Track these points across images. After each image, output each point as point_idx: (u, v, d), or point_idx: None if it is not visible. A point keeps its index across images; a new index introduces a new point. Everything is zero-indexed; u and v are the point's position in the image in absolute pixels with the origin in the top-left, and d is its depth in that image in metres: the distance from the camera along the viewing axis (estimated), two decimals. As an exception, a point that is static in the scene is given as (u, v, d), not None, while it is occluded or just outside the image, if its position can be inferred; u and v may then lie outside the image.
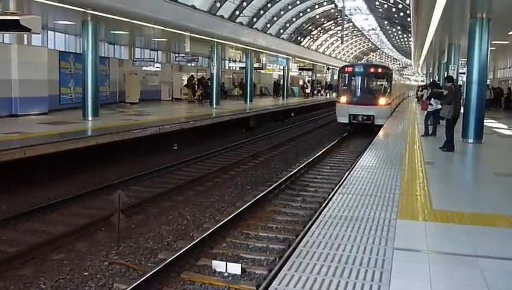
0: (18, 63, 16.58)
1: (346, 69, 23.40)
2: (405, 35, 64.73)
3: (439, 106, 12.96)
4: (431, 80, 30.93)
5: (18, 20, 11.57)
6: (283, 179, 12.15)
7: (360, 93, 21.93)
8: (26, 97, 16.96)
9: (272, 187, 11.19)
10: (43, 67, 17.79)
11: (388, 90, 22.01)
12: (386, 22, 62.70)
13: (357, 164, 10.10)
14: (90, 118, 16.83)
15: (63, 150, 11.66)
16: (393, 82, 23.32)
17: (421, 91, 31.22)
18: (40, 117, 16.79)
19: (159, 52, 33.97)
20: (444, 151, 11.87)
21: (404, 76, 69.91)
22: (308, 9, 52.14)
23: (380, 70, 22.80)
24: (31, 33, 13.18)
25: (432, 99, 15.18)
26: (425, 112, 16.21)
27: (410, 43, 51.47)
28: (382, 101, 21.47)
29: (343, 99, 22.03)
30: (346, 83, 22.81)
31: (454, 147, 12.00)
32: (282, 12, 47.86)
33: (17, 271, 6.72)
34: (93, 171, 12.65)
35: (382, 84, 22.56)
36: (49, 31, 22.91)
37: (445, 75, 17.91)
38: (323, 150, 17.12)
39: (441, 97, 13.49)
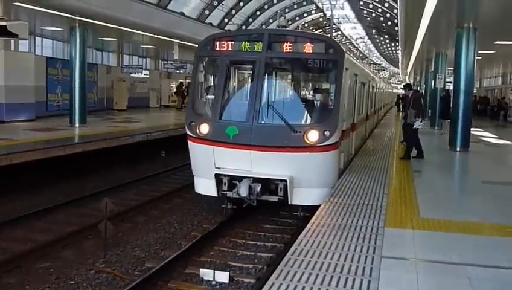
0: (4, 69, 16.46)
1: (216, 45, 8.97)
2: (393, 44, 65.22)
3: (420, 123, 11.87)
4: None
5: (5, 25, 11.50)
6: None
7: (252, 114, 8.38)
8: (13, 103, 16.83)
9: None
10: (30, 74, 17.67)
11: (335, 106, 8.53)
12: (374, 31, 63.18)
13: (346, 171, 10.08)
14: (77, 125, 16.73)
15: (49, 157, 11.58)
16: (347, 81, 9.63)
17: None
18: (26, 124, 16.64)
19: (147, 59, 33.90)
20: (417, 159, 11.64)
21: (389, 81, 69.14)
22: (297, 18, 52.32)
23: (309, 47, 8.56)
24: (18, 39, 13.16)
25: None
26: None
27: (397, 51, 51.91)
28: (313, 136, 8.15)
29: (205, 129, 8.64)
30: (217, 85, 9.10)
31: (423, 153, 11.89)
32: (271, 20, 48.01)
33: (2, 279, 6.62)
34: (80, 179, 12.55)
35: (319, 90, 9.65)
36: (36, 37, 22.75)
37: (436, 84, 17.81)
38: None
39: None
